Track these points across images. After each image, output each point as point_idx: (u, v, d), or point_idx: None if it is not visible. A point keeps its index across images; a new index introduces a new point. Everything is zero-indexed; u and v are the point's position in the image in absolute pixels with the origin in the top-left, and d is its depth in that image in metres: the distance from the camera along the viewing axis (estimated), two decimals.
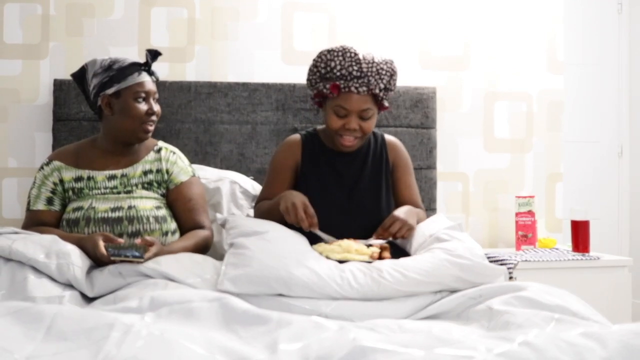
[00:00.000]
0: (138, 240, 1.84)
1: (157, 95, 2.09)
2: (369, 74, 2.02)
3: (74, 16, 2.76)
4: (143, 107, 2.03)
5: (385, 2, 2.98)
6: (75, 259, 1.71)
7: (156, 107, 2.06)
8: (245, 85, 2.78)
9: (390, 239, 1.96)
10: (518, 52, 3.08)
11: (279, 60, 2.90)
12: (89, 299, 1.67)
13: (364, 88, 2.01)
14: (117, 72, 2.02)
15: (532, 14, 3.09)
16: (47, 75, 2.74)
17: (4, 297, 1.59)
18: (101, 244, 1.77)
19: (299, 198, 1.94)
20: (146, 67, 2.06)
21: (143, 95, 2.03)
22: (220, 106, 2.75)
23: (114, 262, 1.74)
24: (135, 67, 2.04)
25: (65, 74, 2.74)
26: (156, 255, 1.80)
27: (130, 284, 1.66)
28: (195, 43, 2.84)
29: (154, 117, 2.06)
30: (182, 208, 2.09)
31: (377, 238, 1.95)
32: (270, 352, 1.20)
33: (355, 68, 2.02)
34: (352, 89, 2.01)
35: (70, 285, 1.68)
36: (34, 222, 2.03)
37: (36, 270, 1.68)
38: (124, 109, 2.02)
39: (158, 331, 1.20)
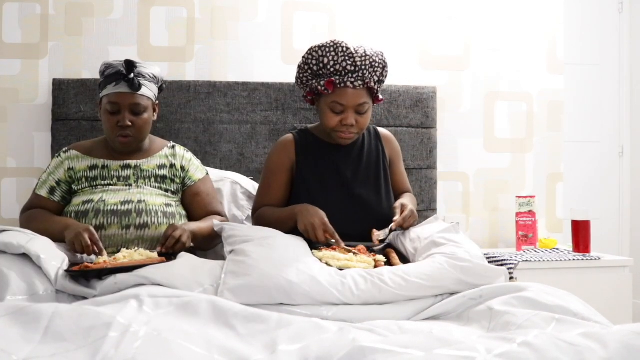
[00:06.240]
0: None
1: (139, 107, 2.06)
2: (363, 67, 2.03)
3: (73, 16, 2.76)
4: (113, 119, 2.05)
5: (386, 1, 2.98)
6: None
7: (128, 120, 2.03)
8: (244, 84, 2.77)
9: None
10: (518, 51, 3.07)
11: (278, 60, 2.89)
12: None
13: (360, 82, 2.02)
14: (104, 78, 2.08)
15: (532, 13, 3.09)
16: (46, 75, 2.73)
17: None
18: (86, 236, 1.78)
19: (317, 216, 1.91)
20: (124, 77, 2.04)
21: (115, 107, 2.04)
22: (220, 106, 2.74)
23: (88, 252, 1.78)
24: (115, 76, 2.05)
25: (65, 74, 2.73)
26: (181, 237, 1.86)
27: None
28: (194, 42, 2.83)
29: (128, 131, 2.05)
30: (203, 202, 2.16)
31: (394, 228, 1.99)
32: (270, 352, 1.20)
33: (349, 62, 2.02)
34: (348, 83, 2.01)
35: None
36: (35, 205, 2.10)
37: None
38: (102, 117, 2.10)
39: (156, 331, 1.19)
